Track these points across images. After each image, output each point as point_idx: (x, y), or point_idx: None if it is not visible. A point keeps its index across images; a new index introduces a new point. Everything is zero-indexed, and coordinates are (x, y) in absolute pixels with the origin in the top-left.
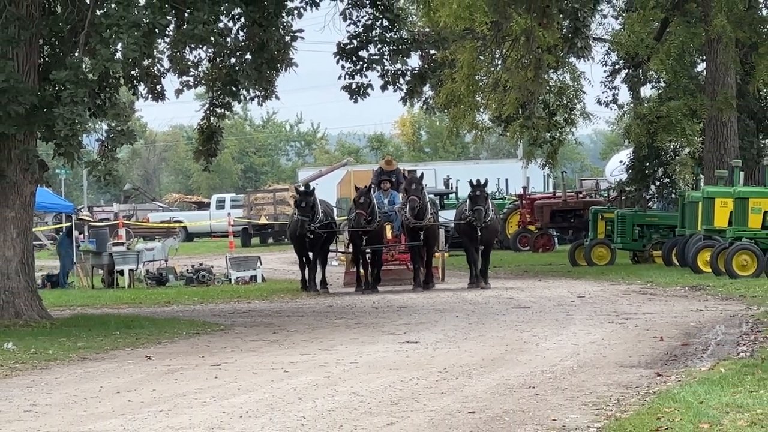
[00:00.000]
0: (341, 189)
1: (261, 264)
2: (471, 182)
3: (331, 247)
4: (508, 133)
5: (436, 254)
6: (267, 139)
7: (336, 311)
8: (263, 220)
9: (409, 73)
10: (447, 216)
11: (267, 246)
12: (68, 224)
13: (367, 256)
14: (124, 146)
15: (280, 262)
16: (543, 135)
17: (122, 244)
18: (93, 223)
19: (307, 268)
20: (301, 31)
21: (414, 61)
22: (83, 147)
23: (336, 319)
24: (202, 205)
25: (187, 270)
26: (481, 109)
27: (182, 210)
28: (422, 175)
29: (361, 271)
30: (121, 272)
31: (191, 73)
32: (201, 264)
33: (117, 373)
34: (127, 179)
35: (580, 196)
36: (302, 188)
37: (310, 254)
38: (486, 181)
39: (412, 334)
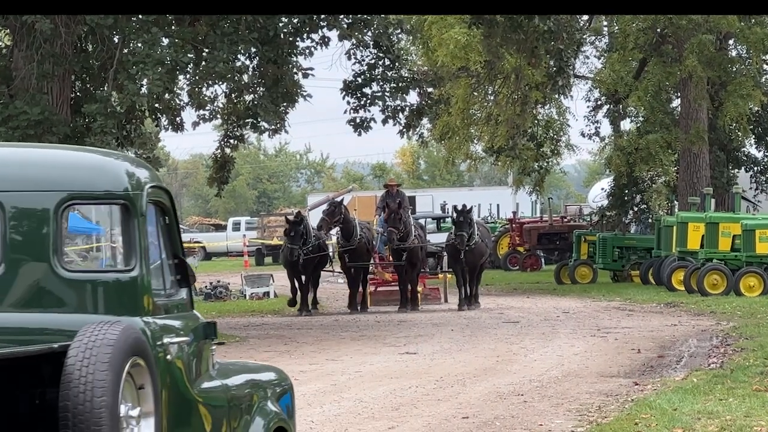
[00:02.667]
0: None
1: (273, 281)
2: (455, 207)
3: (327, 268)
4: (499, 163)
5: (440, 276)
6: (279, 168)
7: (341, 325)
8: (275, 241)
9: (407, 108)
10: (443, 238)
11: (279, 265)
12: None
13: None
14: None
15: None
16: (531, 164)
17: None
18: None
19: (298, 291)
20: (311, 69)
21: (412, 97)
22: None
23: (342, 332)
24: (220, 227)
25: (206, 286)
26: (475, 141)
27: (201, 231)
28: (406, 201)
29: (358, 289)
30: None
31: (208, 108)
32: (218, 281)
33: None
34: None
35: (565, 220)
36: (291, 218)
37: (303, 277)
38: (471, 207)
39: (411, 345)
